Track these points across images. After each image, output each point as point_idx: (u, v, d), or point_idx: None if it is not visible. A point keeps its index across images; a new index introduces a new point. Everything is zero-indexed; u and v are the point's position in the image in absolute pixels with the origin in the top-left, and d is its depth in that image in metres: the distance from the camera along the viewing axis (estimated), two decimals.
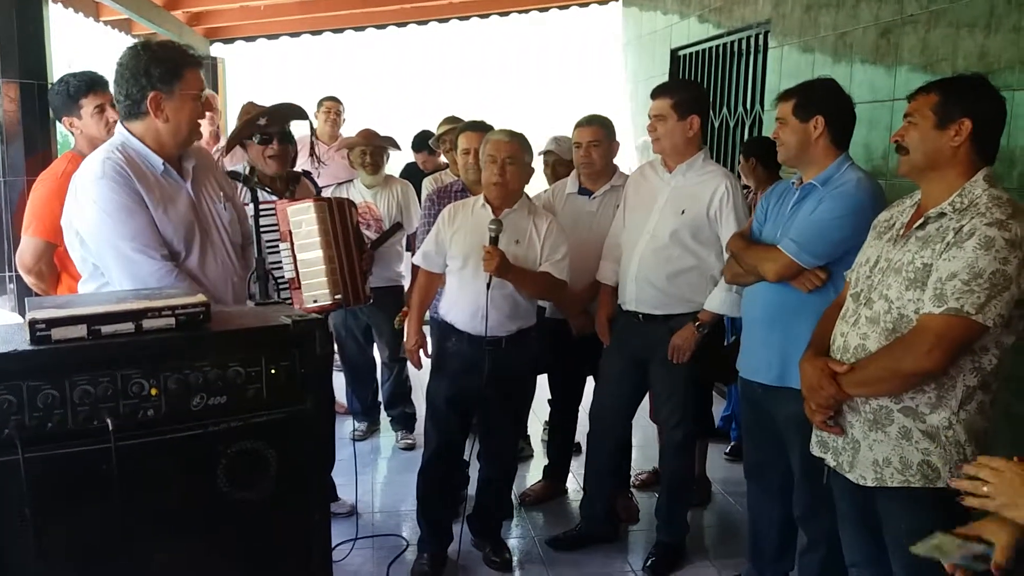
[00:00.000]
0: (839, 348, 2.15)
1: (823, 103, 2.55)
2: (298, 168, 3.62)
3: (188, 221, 2.29)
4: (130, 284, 2.17)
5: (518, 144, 3.08)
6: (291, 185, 3.45)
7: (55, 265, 2.89)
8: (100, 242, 2.17)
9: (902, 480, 2.01)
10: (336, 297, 2.96)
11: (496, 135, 3.13)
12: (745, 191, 4.19)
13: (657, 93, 3.12)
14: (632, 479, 3.93)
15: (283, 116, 3.35)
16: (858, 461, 2.10)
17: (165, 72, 2.20)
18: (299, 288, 2.92)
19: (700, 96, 3.24)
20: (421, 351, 3.25)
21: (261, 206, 2.87)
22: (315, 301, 2.92)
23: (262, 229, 2.76)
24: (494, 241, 2.91)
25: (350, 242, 3.12)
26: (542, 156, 4.34)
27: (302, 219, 2.97)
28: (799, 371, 2.23)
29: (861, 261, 2.20)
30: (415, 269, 3.41)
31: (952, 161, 2.00)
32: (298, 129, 3.65)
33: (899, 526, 2.04)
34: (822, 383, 2.10)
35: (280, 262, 2.98)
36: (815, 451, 2.27)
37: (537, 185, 4.39)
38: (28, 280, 2.90)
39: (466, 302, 3.06)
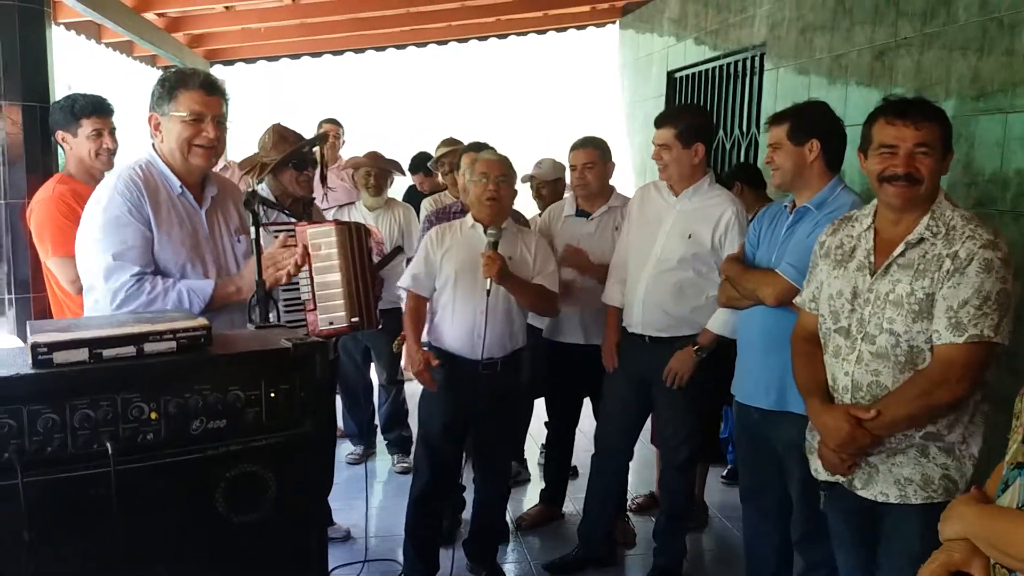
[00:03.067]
0: (847, 388, 2.11)
1: (817, 127, 2.56)
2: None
3: (192, 245, 2.33)
4: (104, 293, 2.22)
5: (508, 164, 3.15)
6: (307, 208, 3.50)
7: None
8: (87, 242, 2.25)
9: (925, 496, 2.03)
10: (353, 320, 2.97)
11: (486, 154, 3.18)
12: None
13: (660, 122, 3.13)
14: (629, 503, 3.92)
15: (315, 143, 3.45)
16: (876, 480, 2.09)
17: (161, 95, 2.30)
18: (314, 310, 2.93)
19: (704, 122, 3.23)
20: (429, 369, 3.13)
21: (273, 228, 2.90)
22: (331, 324, 2.92)
23: None
24: (494, 246, 2.92)
25: (365, 267, 3.14)
26: (527, 183, 4.36)
27: (322, 242, 2.99)
28: (816, 425, 2.18)
29: (832, 294, 2.16)
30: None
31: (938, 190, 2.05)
32: None
33: (910, 543, 2.01)
34: (855, 436, 2.03)
35: (293, 284, 2.99)
36: (821, 475, 2.23)
37: (527, 210, 4.42)
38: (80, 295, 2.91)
39: (461, 323, 3.05)
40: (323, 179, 3.80)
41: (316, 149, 3.51)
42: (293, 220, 3.21)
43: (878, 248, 2.09)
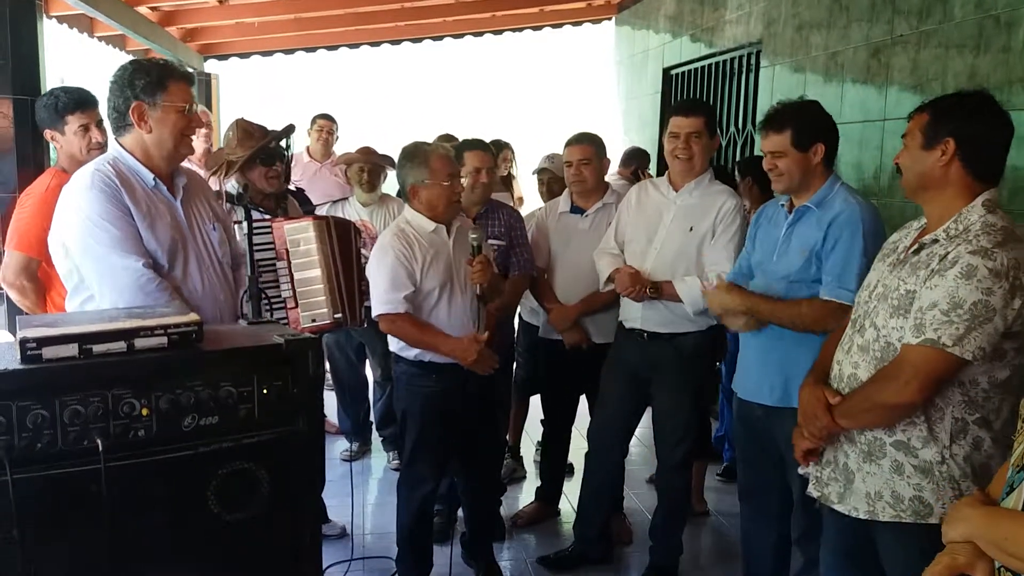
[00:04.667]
0: (836, 376, 2.12)
1: (820, 130, 2.55)
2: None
3: (174, 237, 2.31)
4: (110, 291, 2.18)
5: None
6: (281, 203, 3.45)
7: (40, 281, 2.88)
8: (82, 249, 2.20)
9: (893, 515, 1.97)
10: (336, 316, 2.93)
11: (442, 150, 2.97)
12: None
13: (689, 111, 3.08)
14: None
15: (281, 136, 3.38)
16: (851, 492, 2.06)
17: (149, 83, 2.26)
18: (295, 307, 2.89)
19: (716, 115, 3.27)
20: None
21: (254, 225, 2.86)
22: (313, 320, 2.89)
23: (255, 248, 2.74)
24: (478, 250, 2.82)
25: (350, 263, 3.08)
26: (536, 175, 4.35)
27: (300, 237, 2.95)
28: (798, 397, 2.20)
29: (864, 286, 2.16)
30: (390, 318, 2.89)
31: (943, 182, 1.94)
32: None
33: (895, 561, 2.00)
34: (816, 412, 2.07)
35: (273, 281, 2.95)
36: (810, 489, 2.22)
37: (532, 203, 4.42)
38: (11, 295, 2.89)
39: (453, 331, 2.89)
40: (287, 174, 3.73)
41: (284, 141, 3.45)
42: (268, 217, 3.17)
43: (911, 246, 2.04)
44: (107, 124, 2.95)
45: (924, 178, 1.97)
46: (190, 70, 2.42)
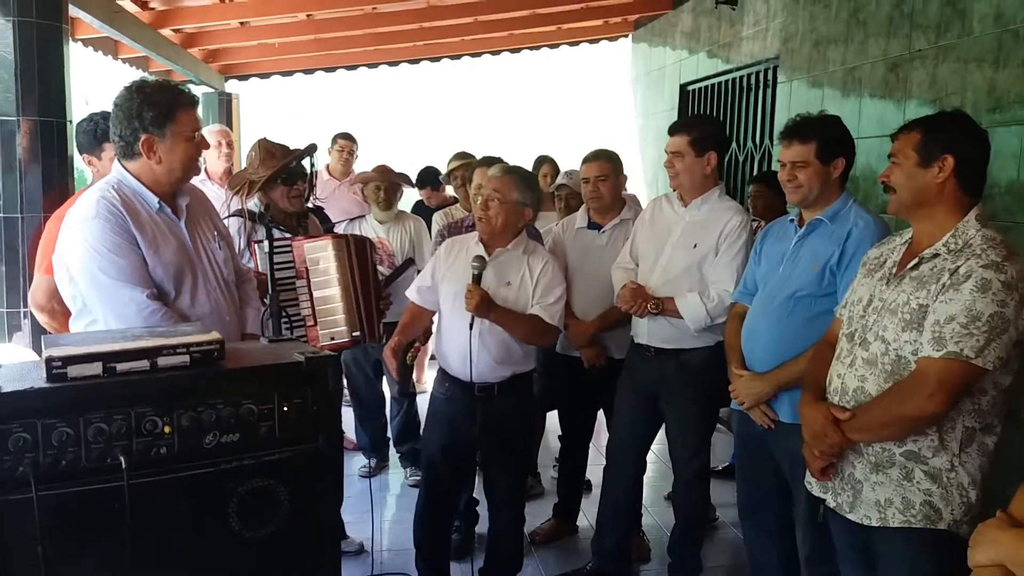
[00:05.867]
0: (836, 390, 2.13)
1: (843, 145, 2.56)
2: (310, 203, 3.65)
3: (180, 260, 2.30)
4: (115, 322, 2.18)
5: (509, 180, 2.94)
6: (302, 222, 3.49)
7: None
8: (87, 279, 2.19)
9: (903, 520, 2.00)
10: (354, 335, 2.94)
11: (493, 169, 3.06)
12: (754, 224, 4.20)
13: (674, 130, 3.11)
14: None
15: (303, 155, 3.41)
16: (860, 502, 2.08)
17: (158, 115, 2.23)
18: (315, 325, 2.91)
19: (718, 132, 3.23)
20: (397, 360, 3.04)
21: (275, 243, 2.88)
22: (332, 339, 2.91)
23: (275, 266, 2.76)
24: (477, 279, 2.82)
25: (368, 280, 3.10)
26: (554, 191, 4.37)
27: (319, 256, 2.97)
28: (800, 416, 2.21)
29: (854, 300, 2.19)
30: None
31: (939, 198, 2.00)
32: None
33: (899, 566, 2.02)
34: (826, 431, 2.08)
35: (293, 300, 2.98)
36: (814, 491, 2.24)
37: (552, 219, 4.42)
38: (40, 318, 2.92)
39: (455, 345, 2.92)
40: (311, 191, 3.76)
41: (306, 160, 3.46)
42: (288, 235, 3.20)
43: (903, 260, 2.09)
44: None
45: (920, 194, 2.03)
46: (199, 91, 2.42)
